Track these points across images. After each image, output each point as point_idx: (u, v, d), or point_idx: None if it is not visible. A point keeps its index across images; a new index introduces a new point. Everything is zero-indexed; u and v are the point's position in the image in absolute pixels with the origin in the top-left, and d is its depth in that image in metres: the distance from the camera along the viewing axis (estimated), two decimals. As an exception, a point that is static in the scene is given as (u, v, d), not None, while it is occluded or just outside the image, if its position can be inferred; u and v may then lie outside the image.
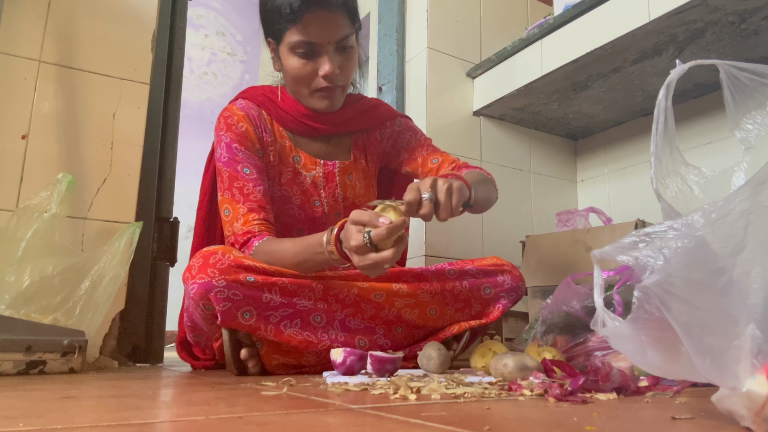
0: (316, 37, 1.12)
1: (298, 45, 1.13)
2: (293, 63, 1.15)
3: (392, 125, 1.36)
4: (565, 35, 1.56)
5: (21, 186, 1.31)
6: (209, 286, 0.98)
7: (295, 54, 1.14)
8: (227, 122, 1.20)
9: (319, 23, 1.11)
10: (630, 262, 0.53)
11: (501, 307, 1.25)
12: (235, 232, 1.13)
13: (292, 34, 1.12)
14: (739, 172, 0.69)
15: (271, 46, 1.22)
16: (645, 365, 0.55)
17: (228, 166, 1.17)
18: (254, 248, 1.10)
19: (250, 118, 1.22)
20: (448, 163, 1.30)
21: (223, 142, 1.19)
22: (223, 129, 1.20)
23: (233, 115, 1.21)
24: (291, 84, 1.21)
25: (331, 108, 1.22)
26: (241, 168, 1.16)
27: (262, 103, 1.25)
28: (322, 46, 1.13)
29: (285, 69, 1.19)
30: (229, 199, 1.15)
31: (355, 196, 1.31)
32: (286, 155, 1.25)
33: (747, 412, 0.45)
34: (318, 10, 1.10)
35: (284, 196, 1.25)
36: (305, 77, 1.16)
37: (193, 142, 3.51)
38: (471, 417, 0.53)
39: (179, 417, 0.53)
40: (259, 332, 1.02)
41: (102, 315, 1.21)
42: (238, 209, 1.14)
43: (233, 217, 1.15)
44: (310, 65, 1.15)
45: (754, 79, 0.65)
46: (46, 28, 1.38)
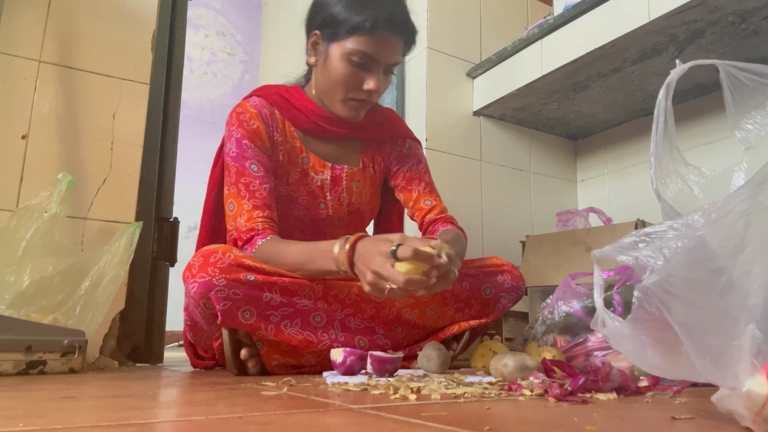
0: (378, 55, 1.13)
1: (358, 54, 1.12)
2: (342, 67, 1.14)
3: (402, 144, 1.36)
4: (565, 35, 1.56)
5: (21, 186, 1.31)
6: (209, 285, 0.98)
7: (349, 60, 1.13)
8: (239, 118, 1.19)
9: (385, 43, 1.12)
10: (630, 262, 0.53)
11: (501, 307, 1.25)
12: (238, 227, 1.12)
13: (356, 42, 1.11)
14: (739, 172, 0.69)
15: (314, 38, 1.19)
16: (645, 365, 0.55)
17: (236, 162, 1.16)
18: (257, 246, 1.09)
19: (263, 116, 1.20)
20: (438, 210, 1.31)
21: (233, 137, 1.18)
22: (235, 124, 1.19)
23: (246, 111, 1.20)
24: (326, 84, 1.18)
25: (356, 119, 1.22)
26: (249, 164, 1.16)
27: (275, 102, 1.23)
28: (377, 63, 1.14)
29: (329, 68, 1.16)
30: (235, 194, 1.14)
31: (360, 202, 1.30)
32: (295, 155, 1.24)
33: (747, 412, 0.45)
34: (391, 32, 1.12)
35: (290, 196, 1.24)
36: (348, 84, 1.15)
37: (193, 142, 3.51)
38: (471, 417, 0.53)
39: (179, 417, 0.53)
40: (259, 332, 1.02)
41: (102, 315, 1.21)
42: (243, 205, 1.13)
43: (237, 212, 1.13)
44: (358, 76, 1.14)
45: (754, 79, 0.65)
46: (46, 28, 1.38)
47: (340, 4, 1.13)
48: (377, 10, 1.10)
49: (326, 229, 1.29)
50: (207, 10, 3.81)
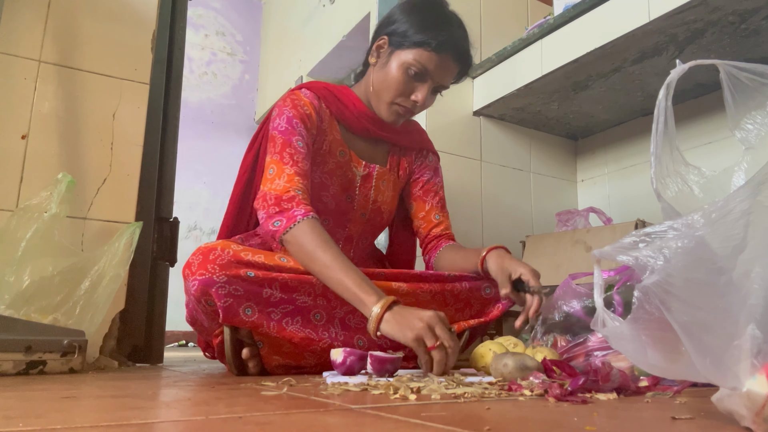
0: (434, 73, 1.20)
1: (417, 66, 1.18)
2: (399, 74, 1.20)
3: (426, 156, 1.43)
4: (565, 35, 1.56)
5: (21, 186, 1.31)
6: (210, 281, 0.98)
7: (407, 69, 1.19)
8: (293, 102, 1.23)
9: (444, 65, 1.20)
10: (630, 262, 0.53)
11: (501, 306, 1.25)
12: (275, 187, 1.11)
13: (420, 55, 1.18)
14: (739, 172, 0.69)
15: (380, 42, 1.24)
16: (645, 365, 0.55)
17: (284, 135, 1.18)
18: (298, 222, 1.07)
19: (314, 105, 1.25)
20: (444, 227, 1.38)
21: (285, 114, 1.20)
22: (288, 105, 1.22)
23: (300, 99, 1.24)
24: (379, 84, 1.24)
25: (395, 124, 1.29)
26: (296, 140, 1.18)
27: (323, 96, 1.27)
28: (430, 79, 1.20)
29: (387, 71, 1.22)
30: (278, 161, 1.15)
31: (382, 202, 1.34)
32: (335, 147, 1.28)
33: (747, 412, 0.45)
34: (451, 57, 1.20)
35: (323, 184, 1.27)
36: (399, 90, 1.21)
37: (193, 142, 3.51)
38: (471, 417, 0.53)
39: (179, 417, 0.53)
40: (261, 328, 1.02)
41: (102, 315, 1.21)
42: (285, 169, 1.14)
43: (276, 174, 1.14)
44: (410, 85, 1.21)
45: (754, 79, 0.65)
46: (46, 28, 1.38)
47: (415, 18, 1.20)
48: (447, 34, 1.19)
49: (348, 223, 1.31)
50: (207, 10, 3.81)
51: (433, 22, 1.20)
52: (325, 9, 2.94)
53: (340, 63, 2.94)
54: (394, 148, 1.39)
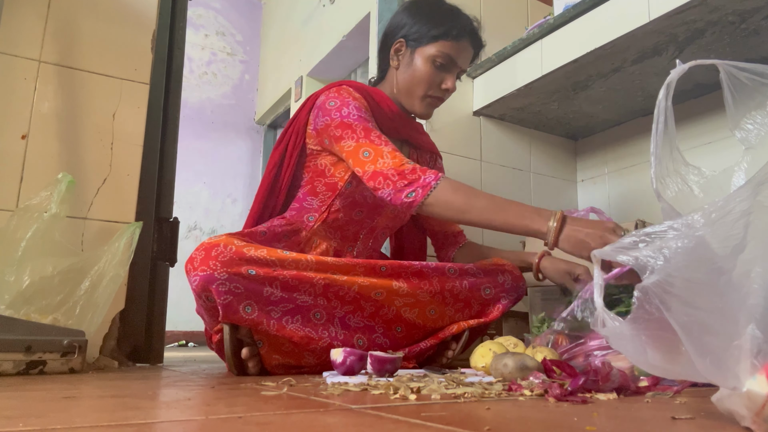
0: (458, 59, 1.29)
1: (443, 57, 1.27)
2: (426, 68, 1.28)
3: (435, 159, 1.49)
4: (565, 35, 1.56)
5: (21, 186, 1.30)
6: (210, 278, 0.99)
7: (433, 63, 1.27)
8: (350, 93, 1.26)
9: (465, 50, 1.30)
10: (630, 262, 0.53)
11: (501, 307, 1.25)
12: (386, 164, 1.13)
13: (443, 46, 1.27)
14: (739, 172, 0.69)
15: (397, 45, 1.31)
16: (645, 365, 0.55)
17: (361, 122, 1.21)
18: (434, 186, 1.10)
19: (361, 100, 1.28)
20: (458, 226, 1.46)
21: (351, 104, 1.23)
22: (348, 97, 1.25)
23: (351, 92, 1.27)
24: (408, 83, 1.30)
25: (429, 116, 1.36)
26: (372, 125, 1.22)
27: (363, 96, 1.30)
28: (455, 67, 1.30)
29: (413, 69, 1.29)
30: (368, 144, 1.17)
31: None
32: None
33: (747, 412, 0.45)
34: (469, 42, 1.31)
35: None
36: (430, 83, 1.29)
37: (193, 142, 3.51)
38: (471, 417, 0.53)
39: (179, 417, 0.53)
40: (261, 326, 1.02)
41: (102, 315, 1.21)
42: (382, 149, 1.16)
43: (376, 154, 1.15)
44: (438, 76, 1.29)
45: (754, 79, 0.65)
46: (46, 28, 1.38)
47: (426, 17, 1.29)
48: (461, 22, 1.29)
49: (377, 216, 1.34)
50: (207, 10, 3.81)
51: (444, 15, 1.29)
52: (325, 9, 2.94)
53: (340, 63, 2.94)
54: (413, 151, 1.44)
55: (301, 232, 1.29)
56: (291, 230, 1.28)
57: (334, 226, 1.30)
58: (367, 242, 1.36)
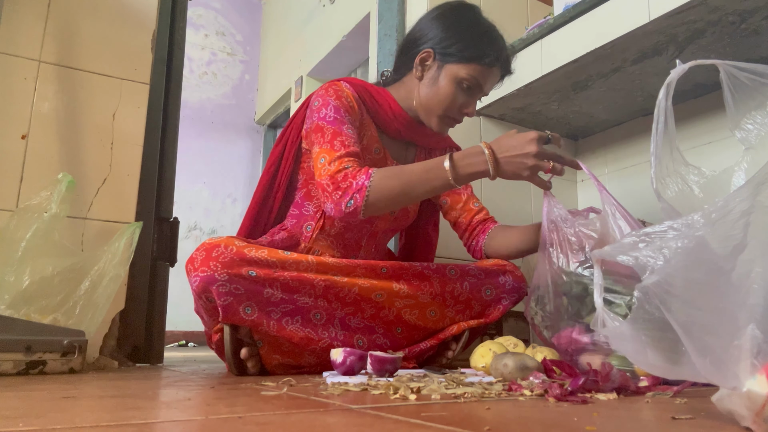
0: (486, 86, 1.26)
1: (470, 81, 1.22)
2: (451, 89, 1.23)
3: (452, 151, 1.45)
4: (565, 35, 1.56)
5: (21, 186, 1.31)
6: (211, 279, 0.99)
7: (459, 84, 1.22)
8: (336, 93, 1.23)
9: (493, 77, 1.27)
10: (630, 262, 0.53)
11: (502, 308, 1.25)
12: (327, 172, 1.12)
13: (474, 70, 1.22)
14: (739, 172, 0.69)
15: (424, 54, 1.25)
16: (645, 365, 0.55)
17: (333, 124, 1.18)
18: (372, 173, 1.09)
19: (355, 98, 1.26)
20: (486, 212, 1.41)
21: (331, 104, 1.21)
22: (332, 96, 1.22)
23: (343, 90, 1.25)
24: (429, 98, 1.25)
25: (443, 134, 1.36)
26: (345, 128, 1.19)
27: (361, 94, 1.28)
28: (480, 92, 1.26)
29: (437, 85, 1.24)
30: (328, 150, 1.15)
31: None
32: (371, 144, 1.30)
33: (747, 412, 0.45)
34: (498, 70, 1.26)
35: None
36: (451, 104, 1.24)
37: (193, 142, 3.51)
38: (471, 417, 0.53)
39: (179, 417, 0.53)
40: (261, 327, 1.02)
41: (102, 315, 1.21)
42: (335, 154, 1.14)
43: (327, 162, 1.14)
44: (462, 98, 1.24)
45: (754, 79, 0.65)
46: (46, 28, 1.38)
47: (463, 33, 1.23)
48: (497, 48, 1.24)
49: (377, 219, 1.32)
50: (207, 10, 3.81)
51: (481, 37, 1.23)
52: (325, 9, 2.94)
53: (340, 63, 2.94)
54: (420, 151, 1.42)
55: (300, 244, 1.27)
56: (291, 243, 1.26)
57: (332, 234, 1.27)
58: (370, 248, 1.34)
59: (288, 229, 1.28)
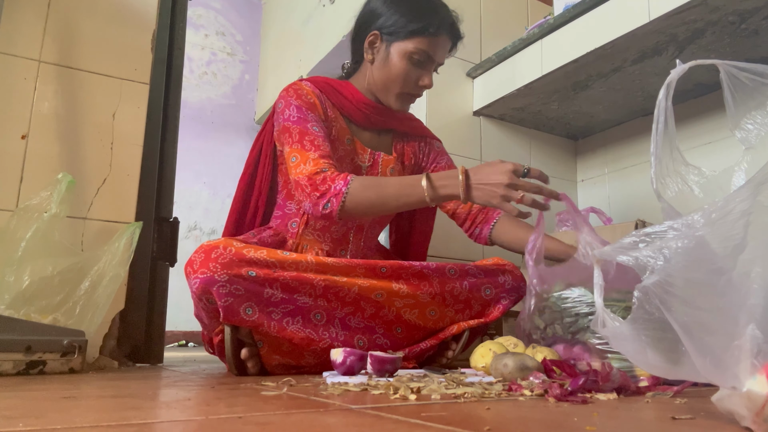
0: (436, 55, 1.26)
1: (420, 53, 1.23)
2: (403, 65, 1.24)
3: (432, 143, 1.47)
4: (565, 35, 1.56)
5: (21, 186, 1.30)
6: (211, 280, 0.99)
7: (410, 59, 1.24)
8: (297, 92, 1.26)
9: (442, 45, 1.27)
10: (630, 262, 0.53)
11: (501, 307, 1.25)
12: (303, 172, 1.15)
13: (420, 42, 1.23)
14: (739, 172, 0.69)
15: (372, 38, 1.28)
16: (645, 365, 0.55)
17: (298, 124, 1.21)
18: (351, 180, 1.12)
19: (316, 94, 1.28)
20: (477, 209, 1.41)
21: (292, 105, 1.24)
22: (293, 96, 1.25)
23: (302, 88, 1.27)
24: (382, 79, 1.27)
25: (405, 111, 1.36)
26: (311, 126, 1.21)
27: (323, 89, 1.30)
28: (433, 62, 1.27)
29: (389, 65, 1.26)
30: (299, 149, 1.18)
31: None
32: (342, 135, 1.31)
33: (747, 412, 0.45)
34: (448, 37, 1.27)
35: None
36: (407, 79, 1.26)
37: (193, 142, 3.50)
38: (471, 417, 0.53)
39: (179, 417, 0.53)
40: (262, 328, 1.02)
41: (102, 315, 1.21)
42: (308, 155, 1.16)
43: (301, 161, 1.16)
44: (416, 73, 1.26)
45: (754, 79, 0.65)
46: (46, 28, 1.38)
47: (404, 8, 1.24)
48: (440, 16, 1.24)
49: None
50: (207, 10, 3.81)
51: (422, 9, 1.24)
52: (325, 9, 2.94)
53: (340, 63, 2.93)
54: (398, 137, 1.42)
55: (288, 240, 1.29)
56: (278, 240, 1.28)
57: (317, 228, 1.28)
58: (359, 242, 1.35)
59: (274, 228, 1.30)
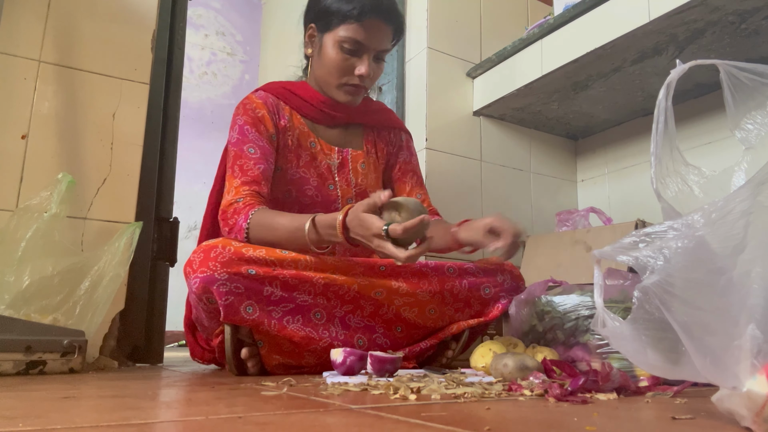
0: (367, 41, 1.20)
1: (348, 41, 1.20)
2: (335, 54, 1.22)
3: (398, 135, 1.44)
4: (565, 35, 1.56)
5: (21, 186, 1.30)
6: (211, 279, 0.99)
7: (341, 48, 1.21)
8: (245, 108, 1.25)
9: (374, 30, 1.21)
10: (630, 262, 0.53)
11: (501, 306, 1.25)
12: (224, 202, 1.16)
13: (347, 30, 1.19)
14: (739, 172, 0.69)
15: (310, 31, 1.28)
16: (645, 365, 0.55)
17: (236, 146, 1.21)
18: (250, 216, 1.10)
19: (267, 105, 1.26)
20: (427, 203, 1.39)
21: (237, 125, 1.23)
22: (240, 113, 1.25)
23: (252, 102, 1.26)
24: (322, 72, 1.26)
25: (352, 103, 1.29)
26: (247, 148, 1.20)
27: (280, 94, 1.29)
28: (367, 49, 1.21)
29: (323, 57, 1.24)
30: (230, 175, 1.19)
31: (366, 184, 1.35)
32: (304, 139, 1.30)
33: (747, 412, 0.45)
34: (378, 19, 1.20)
35: (302, 178, 1.28)
36: (342, 70, 1.22)
37: (193, 142, 3.50)
38: (471, 417, 0.53)
39: (179, 417, 0.53)
40: (262, 326, 1.02)
41: (102, 315, 1.21)
42: (233, 182, 1.17)
43: (227, 189, 1.18)
44: (350, 61, 1.22)
45: (754, 79, 0.65)
46: (46, 28, 1.38)
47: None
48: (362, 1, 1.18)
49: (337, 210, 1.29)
50: (207, 10, 3.81)
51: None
52: (325, 9, 2.94)
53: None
54: (368, 131, 1.40)
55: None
56: None
57: None
58: None
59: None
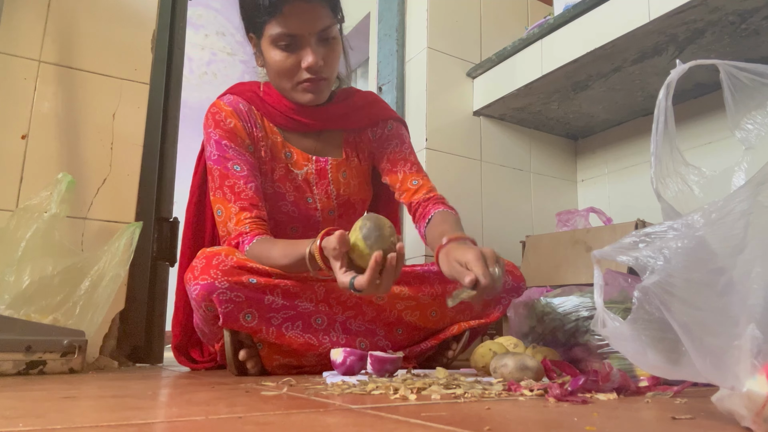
0: (297, 29, 1.09)
1: (280, 38, 1.09)
2: (275, 56, 1.12)
3: (384, 126, 1.32)
4: (565, 35, 1.56)
5: (21, 186, 1.31)
6: (212, 287, 0.98)
7: (277, 47, 1.11)
8: (215, 119, 1.17)
9: (299, 14, 1.08)
10: (630, 262, 0.53)
11: (502, 307, 1.25)
12: (230, 231, 1.11)
13: (272, 27, 1.09)
14: (739, 172, 0.69)
15: (252, 42, 1.19)
16: (645, 365, 0.55)
17: (218, 164, 1.13)
18: (246, 251, 1.07)
19: (238, 113, 1.18)
20: (426, 190, 1.26)
21: (212, 139, 1.16)
22: (212, 126, 1.17)
23: (221, 111, 1.17)
24: (274, 78, 1.17)
25: (316, 101, 1.18)
26: (232, 165, 1.13)
27: (250, 99, 1.20)
28: (303, 37, 1.10)
29: (268, 63, 1.15)
30: (221, 199, 1.12)
31: (349, 194, 1.27)
32: (278, 150, 1.21)
33: (747, 412, 0.45)
34: (297, 1, 1.07)
35: (277, 193, 1.21)
36: (288, 70, 1.13)
37: (193, 142, 3.50)
38: (471, 417, 0.53)
39: (179, 417, 0.53)
40: (260, 334, 1.02)
41: (102, 315, 1.21)
42: (230, 208, 1.11)
43: (226, 216, 1.11)
44: (292, 58, 1.12)
45: (754, 79, 0.65)
46: (46, 28, 1.38)
47: (244, 3, 1.15)
48: None
49: (318, 225, 1.25)
50: (207, 10, 3.80)
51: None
52: (325, 9, 2.94)
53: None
54: (348, 134, 1.29)
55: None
56: None
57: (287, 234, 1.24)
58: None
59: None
